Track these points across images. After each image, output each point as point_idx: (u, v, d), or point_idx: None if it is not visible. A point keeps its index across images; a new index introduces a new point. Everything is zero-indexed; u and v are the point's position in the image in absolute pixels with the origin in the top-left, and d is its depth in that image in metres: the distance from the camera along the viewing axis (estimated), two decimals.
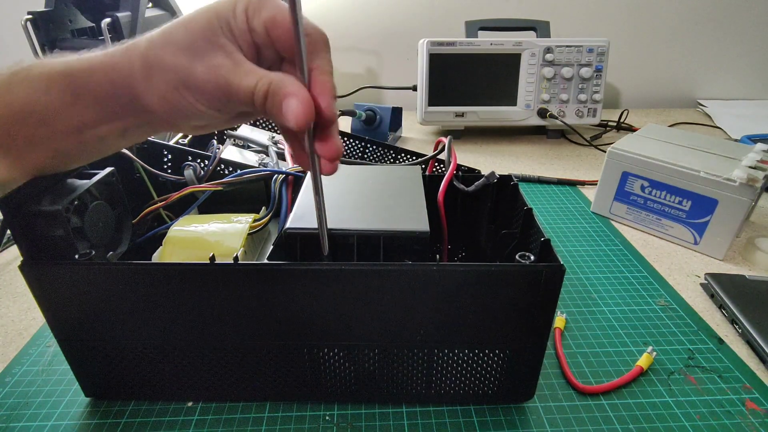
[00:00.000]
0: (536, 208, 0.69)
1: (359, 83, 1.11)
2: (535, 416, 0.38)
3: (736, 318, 0.46)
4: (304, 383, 0.38)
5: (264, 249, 0.47)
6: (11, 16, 1.03)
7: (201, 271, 0.32)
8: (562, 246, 0.61)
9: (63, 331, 0.35)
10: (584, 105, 0.93)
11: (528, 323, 0.34)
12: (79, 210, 0.36)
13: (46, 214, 0.34)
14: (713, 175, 0.55)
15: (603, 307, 0.50)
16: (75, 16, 0.81)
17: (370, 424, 0.37)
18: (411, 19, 1.09)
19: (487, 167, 0.83)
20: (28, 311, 0.50)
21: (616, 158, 0.63)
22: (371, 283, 0.33)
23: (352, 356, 0.37)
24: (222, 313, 0.34)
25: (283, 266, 0.33)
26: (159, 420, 0.38)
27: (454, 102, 0.93)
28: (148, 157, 0.48)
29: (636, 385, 0.41)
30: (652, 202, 0.62)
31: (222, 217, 0.44)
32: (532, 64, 0.90)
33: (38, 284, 0.33)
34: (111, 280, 0.33)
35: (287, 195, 0.44)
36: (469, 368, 0.37)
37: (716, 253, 0.58)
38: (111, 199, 0.41)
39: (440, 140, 0.48)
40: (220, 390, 0.39)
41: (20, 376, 0.42)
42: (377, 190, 0.40)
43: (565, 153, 0.90)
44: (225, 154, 0.50)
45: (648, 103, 1.18)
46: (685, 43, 1.12)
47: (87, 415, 0.38)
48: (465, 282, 0.33)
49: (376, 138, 0.91)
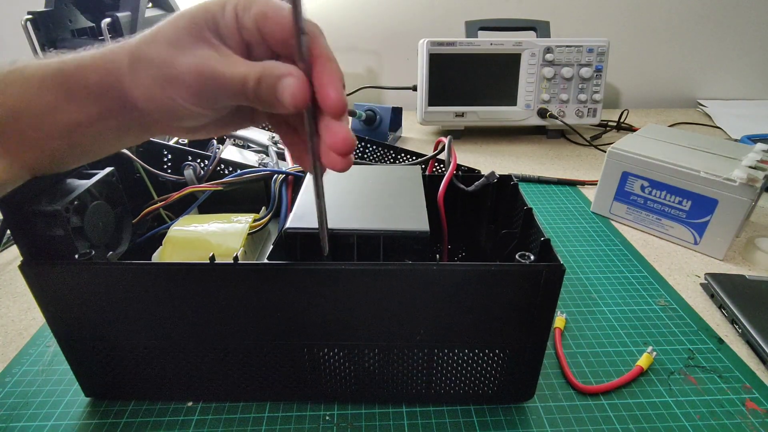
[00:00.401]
0: (536, 208, 0.69)
1: (359, 83, 1.11)
2: (535, 416, 0.38)
3: (736, 318, 0.46)
4: (304, 383, 0.38)
5: (264, 249, 0.47)
6: (11, 16, 1.03)
7: (201, 271, 0.32)
8: (562, 246, 0.61)
9: (63, 331, 0.35)
10: (584, 105, 0.93)
11: (528, 323, 0.34)
12: (79, 210, 0.36)
13: (46, 214, 0.34)
14: (713, 175, 0.55)
15: (603, 307, 0.50)
16: (75, 16, 0.81)
17: (370, 424, 0.37)
18: (411, 19, 1.09)
19: (487, 167, 0.83)
20: (28, 311, 0.50)
21: (616, 158, 0.63)
22: (371, 283, 0.33)
23: (352, 356, 0.37)
24: (222, 313, 0.34)
25: (283, 266, 0.33)
26: (159, 420, 0.38)
27: (454, 102, 0.93)
28: (148, 157, 0.48)
29: (636, 385, 0.41)
30: (652, 202, 0.62)
31: (222, 217, 0.44)
32: (532, 64, 0.90)
33: (38, 284, 0.33)
34: (111, 280, 0.33)
35: (287, 195, 0.44)
36: (469, 368, 0.37)
37: (716, 253, 0.58)
38: (111, 199, 0.41)
39: (440, 140, 0.48)
40: (220, 390, 0.39)
41: (20, 376, 0.42)
42: (377, 189, 0.40)
43: (565, 153, 0.90)
44: (225, 154, 0.50)
45: (648, 103, 1.18)
46: (685, 43, 1.12)
47: (87, 415, 0.38)
48: (465, 282, 0.33)
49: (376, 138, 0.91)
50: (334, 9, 1.08)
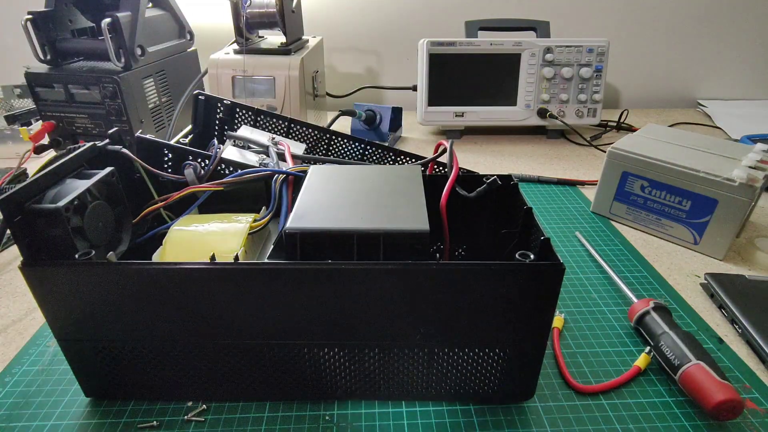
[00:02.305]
0: (536, 208, 0.69)
1: (359, 83, 1.11)
2: (535, 416, 0.38)
3: (736, 318, 0.46)
4: (304, 383, 0.38)
5: (264, 249, 0.47)
6: (11, 16, 1.03)
7: (201, 271, 0.32)
8: (562, 246, 0.61)
9: (63, 331, 0.35)
10: (584, 105, 0.93)
11: (528, 322, 0.34)
12: (79, 210, 0.36)
13: (46, 214, 0.34)
14: (713, 175, 0.55)
15: (603, 307, 0.50)
16: (75, 16, 0.81)
17: (370, 424, 0.37)
18: (411, 19, 1.10)
19: (487, 167, 0.83)
20: (28, 311, 0.50)
21: (616, 158, 0.63)
22: (371, 283, 0.33)
23: (352, 356, 0.37)
24: (222, 312, 0.34)
25: (283, 266, 0.33)
26: (159, 420, 0.38)
27: (454, 102, 0.93)
28: (149, 157, 0.48)
29: (636, 384, 0.41)
30: (652, 202, 0.62)
31: (222, 216, 0.44)
32: (532, 64, 0.90)
33: (38, 284, 0.33)
34: (111, 280, 0.33)
35: (287, 195, 0.44)
36: (468, 368, 0.37)
37: (716, 253, 0.58)
38: (111, 199, 0.41)
39: (440, 143, 0.48)
40: (220, 390, 0.39)
41: (20, 376, 0.42)
42: (377, 189, 0.40)
43: (565, 153, 0.90)
44: (225, 154, 0.50)
45: (648, 103, 1.18)
46: (685, 43, 1.12)
47: (87, 415, 0.38)
48: (465, 281, 0.33)
49: (376, 138, 0.91)
50: (334, 9, 1.08)
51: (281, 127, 0.61)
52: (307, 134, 0.61)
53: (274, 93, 0.83)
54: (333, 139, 0.60)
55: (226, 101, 0.61)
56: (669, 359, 0.40)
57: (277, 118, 0.61)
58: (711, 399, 0.35)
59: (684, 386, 0.38)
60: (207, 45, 1.01)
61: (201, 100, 0.61)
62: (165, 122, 0.86)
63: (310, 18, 1.05)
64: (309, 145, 0.61)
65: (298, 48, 0.87)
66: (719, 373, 0.37)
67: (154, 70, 0.82)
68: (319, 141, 0.61)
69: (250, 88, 0.83)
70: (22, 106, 0.88)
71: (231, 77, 0.83)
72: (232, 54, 0.84)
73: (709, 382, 0.36)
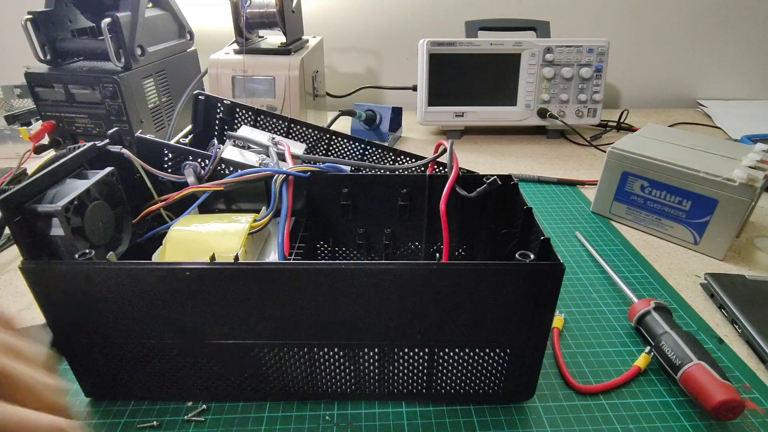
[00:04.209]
0: (536, 208, 0.69)
1: (359, 83, 1.11)
2: (535, 416, 0.38)
3: (736, 318, 0.46)
4: (304, 383, 0.38)
5: (264, 249, 0.47)
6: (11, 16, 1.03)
7: (201, 271, 0.32)
8: (562, 246, 0.61)
9: (63, 331, 0.35)
10: (584, 105, 0.93)
11: (528, 322, 0.34)
12: (79, 210, 0.36)
13: (46, 214, 0.34)
14: (713, 175, 0.55)
15: (603, 307, 0.50)
16: (75, 16, 0.81)
17: (370, 424, 0.37)
18: (411, 19, 1.09)
19: (487, 167, 0.83)
20: (28, 311, 0.50)
21: (616, 158, 0.63)
22: (371, 282, 0.33)
23: (352, 356, 0.37)
24: (222, 312, 0.34)
25: (283, 266, 0.33)
26: (159, 420, 0.38)
27: (454, 102, 0.93)
28: (149, 157, 0.48)
29: (636, 384, 0.41)
30: (652, 202, 0.62)
31: (222, 217, 0.44)
32: (532, 64, 0.90)
33: (38, 284, 0.33)
34: (111, 280, 0.33)
35: (287, 195, 0.44)
36: (469, 368, 0.37)
37: (716, 253, 0.58)
38: (111, 199, 0.41)
39: (440, 143, 0.48)
40: (220, 390, 0.39)
41: None
42: None
43: (565, 153, 0.90)
44: (225, 154, 0.50)
45: (648, 103, 1.18)
46: (685, 43, 1.12)
47: (87, 415, 0.38)
48: (465, 281, 0.33)
49: (376, 138, 0.91)
50: (334, 9, 1.08)
51: (281, 127, 0.61)
52: (307, 134, 0.61)
53: (274, 93, 0.83)
54: (333, 139, 0.60)
55: (226, 101, 0.61)
56: (670, 359, 0.40)
57: (277, 118, 0.61)
58: (712, 399, 0.35)
59: (685, 386, 0.38)
60: (207, 45, 1.01)
61: (201, 100, 0.61)
62: (165, 122, 0.86)
63: (310, 18, 1.05)
64: (309, 145, 0.61)
65: (298, 48, 0.87)
66: (720, 374, 0.37)
67: (154, 70, 0.82)
68: (319, 141, 0.61)
69: (250, 88, 0.83)
70: (22, 106, 0.88)
71: (231, 77, 0.83)
72: (232, 54, 0.84)
73: (710, 382, 0.36)
